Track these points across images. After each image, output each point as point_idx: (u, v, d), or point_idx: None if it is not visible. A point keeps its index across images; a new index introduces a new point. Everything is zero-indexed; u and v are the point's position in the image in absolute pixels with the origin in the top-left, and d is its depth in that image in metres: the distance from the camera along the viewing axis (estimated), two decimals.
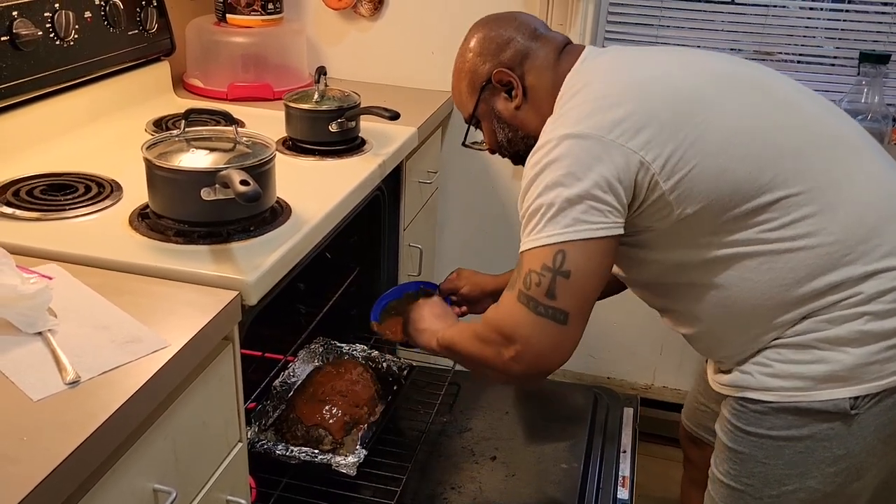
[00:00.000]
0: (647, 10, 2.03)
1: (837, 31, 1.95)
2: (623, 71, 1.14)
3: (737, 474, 1.18)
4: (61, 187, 1.31)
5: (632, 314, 2.22)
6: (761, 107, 1.11)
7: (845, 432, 1.09)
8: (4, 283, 0.92)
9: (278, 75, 1.96)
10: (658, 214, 1.09)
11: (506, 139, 1.28)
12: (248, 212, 1.18)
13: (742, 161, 1.06)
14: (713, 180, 1.05)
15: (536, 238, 1.06)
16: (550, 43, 1.23)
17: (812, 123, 1.13)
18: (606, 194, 1.04)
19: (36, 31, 1.41)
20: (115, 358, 0.89)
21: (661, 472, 2.09)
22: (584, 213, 1.04)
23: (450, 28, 2.06)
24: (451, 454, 1.54)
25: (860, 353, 1.06)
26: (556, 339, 1.07)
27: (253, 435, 1.42)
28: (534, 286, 1.06)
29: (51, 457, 0.74)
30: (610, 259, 1.08)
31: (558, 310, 1.06)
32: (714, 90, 1.10)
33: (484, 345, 1.15)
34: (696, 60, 1.17)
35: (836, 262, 1.06)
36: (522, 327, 1.07)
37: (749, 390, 1.13)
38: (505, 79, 1.22)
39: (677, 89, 1.09)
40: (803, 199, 1.06)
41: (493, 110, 1.26)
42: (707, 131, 1.06)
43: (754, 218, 1.06)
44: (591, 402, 1.69)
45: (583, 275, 1.05)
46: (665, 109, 1.06)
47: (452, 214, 2.28)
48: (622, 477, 1.48)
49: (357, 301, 1.85)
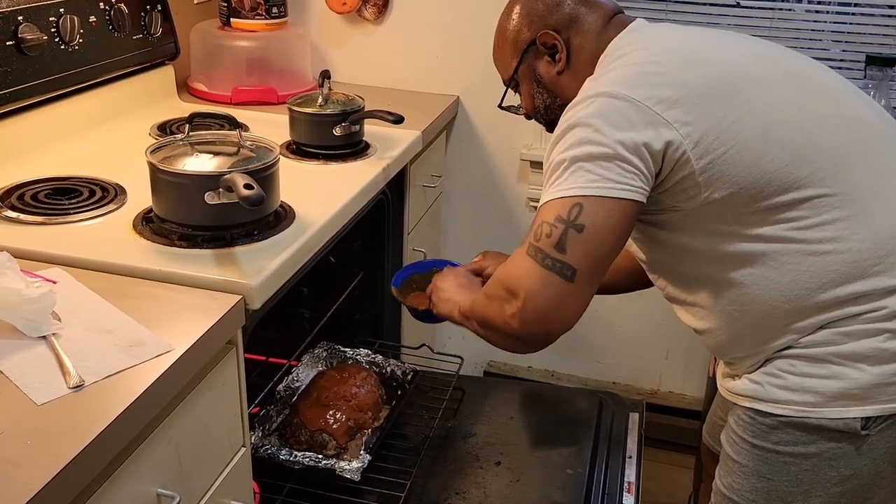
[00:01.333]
0: (652, 13, 2.02)
1: (844, 34, 1.94)
2: (671, 41, 1.11)
3: (739, 488, 1.15)
4: (66, 191, 1.31)
5: (638, 319, 2.22)
6: (809, 100, 1.07)
7: (854, 453, 1.05)
8: (8, 287, 0.92)
9: (282, 79, 1.97)
10: (684, 194, 1.04)
11: (543, 105, 1.24)
12: (252, 216, 1.18)
13: (781, 151, 1.01)
14: (747, 166, 1.01)
15: (556, 191, 1.02)
16: (600, 9, 1.20)
17: (860, 123, 1.08)
18: (633, 156, 1.00)
19: (41, 36, 1.41)
20: (118, 362, 0.89)
21: (668, 478, 2.08)
22: (608, 171, 0.99)
23: (454, 32, 2.06)
24: (455, 459, 1.53)
25: (877, 371, 1.02)
26: (559, 296, 1.00)
27: (257, 440, 1.41)
28: (544, 237, 1.01)
29: (54, 461, 0.74)
30: (628, 226, 1.02)
31: (566, 264, 0.99)
32: (762, 74, 1.06)
33: (489, 301, 1.09)
34: (747, 43, 1.14)
35: (863, 271, 1.02)
36: (526, 279, 1.01)
37: (758, 401, 1.10)
38: (550, 41, 1.19)
39: (724, 67, 1.06)
40: (837, 201, 1.01)
41: (535, 73, 1.22)
42: (748, 115, 1.02)
43: (784, 213, 1.02)
44: (596, 407, 1.68)
45: (597, 232, 0.99)
46: (707, 86, 1.02)
47: (457, 218, 2.28)
48: (628, 482, 1.47)
49: (361, 305, 1.85)
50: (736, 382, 1.15)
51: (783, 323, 1.06)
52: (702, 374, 2.21)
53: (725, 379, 1.19)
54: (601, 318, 2.23)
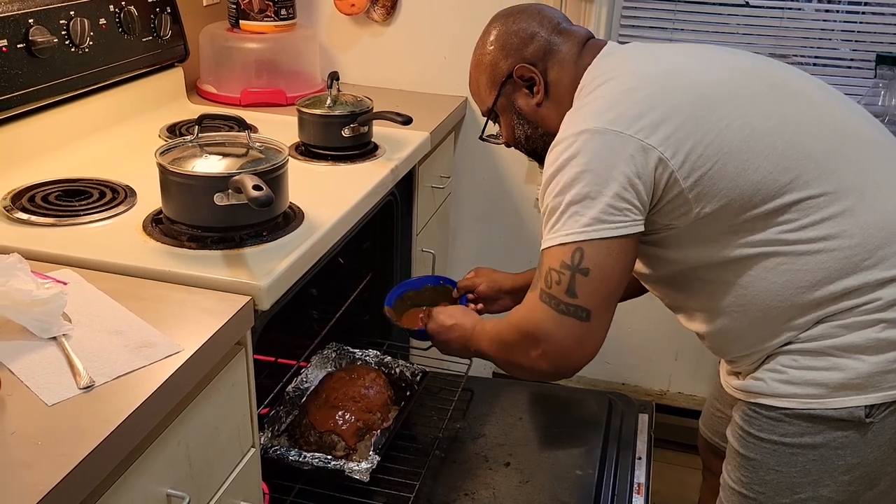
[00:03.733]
0: (661, 13, 2.02)
1: (854, 33, 1.93)
2: (644, 65, 1.12)
3: (748, 482, 1.16)
4: (76, 193, 1.31)
5: (647, 320, 2.21)
6: (788, 107, 1.08)
7: (860, 440, 1.07)
8: (20, 289, 0.92)
9: (291, 81, 1.97)
10: (677, 212, 1.07)
11: (524, 135, 1.26)
12: (261, 217, 1.18)
13: (764, 161, 1.04)
14: (734, 178, 1.04)
15: (556, 236, 1.06)
16: (573, 37, 1.21)
17: (839, 123, 1.10)
18: (626, 192, 1.03)
19: (51, 39, 1.42)
20: (128, 363, 0.89)
21: (677, 479, 2.07)
22: (602, 212, 1.03)
23: (462, 32, 2.06)
24: (464, 460, 1.53)
25: (876, 360, 1.04)
26: (579, 336, 1.07)
27: (266, 440, 1.42)
28: (554, 284, 1.06)
29: (65, 461, 0.74)
30: (631, 257, 1.07)
31: (580, 307, 1.05)
32: (738, 87, 1.08)
33: (511, 347, 1.16)
34: (720, 56, 1.15)
35: (854, 266, 1.04)
36: (545, 325, 1.08)
37: (763, 396, 1.12)
38: (527, 74, 1.20)
39: (699, 85, 1.07)
40: (825, 202, 1.04)
41: (514, 106, 1.24)
42: (729, 129, 1.04)
43: (775, 218, 1.05)
44: (605, 408, 1.68)
45: (602, 272, 1.04)
46: (686, 105, 1.04)
47: (465, 219, 2.28)
48: (637, 484, 1.47)
49: (370, 306, 1.85)
50: (739, 380, 1.17)
51: (781, 321, 1.09)
52: (711, 376, 2.19)
53: (729, 377, 1.21)
54: None
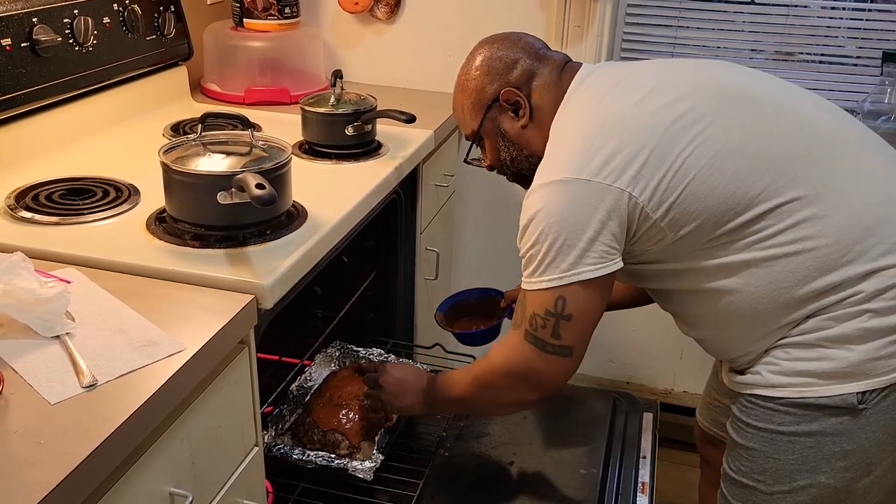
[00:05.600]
0: (665, 10, 2.01)
1: (860, 30, 1.92)
2: (606, 104, 1.14)
3: (748, 471, 1.19)
4: (80, 192, 1.32)
5: (651, 319, 2.20)
6: (750, 118, 1.11)
7: (854, 427, 1.10)
8: (23, 287, 0.92)
9: (295, 79, 1.97)
10: (653, 240, 1.12)
11: (510, 157, 1.29)
12: (264, 215, 1.18)
13: (731, 178, 1.07)
14: (703, 200, 1.07)
15: (537, 282, 1.11)
16: (552, 62, 1.25)
17: (805, 125, 1.13)
18: (601, 235, 1.07)
19: (55, 38, 1.42)
20: (131, 361, 0.89)
21: (681, 478, 2.07)
22: (579, 257, 1.08)
23: (466, 30, 2.06)
24: (468, 459, 1.52)
25: (864, 349, 1.07)
26: (565, 370, 1.17)
27: (270, 439, 1.42)
28: (540, 328, 1.13)
29: (68, 460, 0.74)
30: (609, 290, 1.13)
31: (564, 346, 1.13)
32: (700, 110, 1.10)
33: (498, 388, 1.21)
34: (682, 79, 1.16)
35: (834, 262, 1.07)
36: (534, 364, 1.16)
37: (759, 388, 1.15)
38: (513, 98, 1.24)
39: (662, 120, 1.09)
40: (798, 205, 1.07)
41: (499, 129, 1.27)
42: (693, 155, 1.07)
43: (750, 228, 1.08)
44: (610, 407, 1.68)
45: (583, 313, 1.11)
46: (649, 142, 1.08)
47: (470, 218, 2.27)
48: (642, 483, 1.47)
49: (374, 305, 1.85)
50: (737, 375, 1.21)
51: (771, 321, 1.12)
52: None
53: (730, 373, 1.24)
54: (615, 318, 2.20)
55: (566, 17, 1.98)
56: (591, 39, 1.99)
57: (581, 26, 1.98)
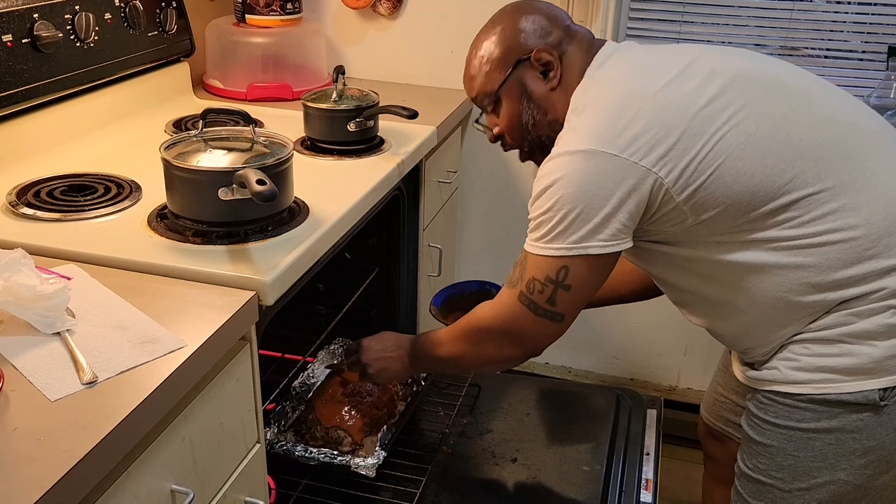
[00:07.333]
0: (670, 5, 2.00)
1: (865, 24, 1.91)
2: (638, 79, 1.12)
3: (766, 468, 1.18)
4: (81, 188, 1.31)
5: (656, 315, 2.20)
6: (779, 106, 1.09)
7: (875, 423, 1.09)
8: (23, 284, 0.92)
9: (297, 75, 1.96)
10: (672, 221, 1.10)
11: (532, 121, 1.23)
12: (266, 212, 1.18)
13: (760, 165, 1.05)
14: (730, 186, 1.05)
15: (543, 247, 1.10)
16: (579, 34, 1.23)
17: (832, 116, 1.11)
18: (618, 213, 1.06)
19: (57, 34, 1.42)
20: (132, 358, 0.89)
21: (685, 475, 2.06)
22: (591, 231, 1.06)
23: (468, 26, 2.04)
24: (471, 456, 1.52)
25: (888, 345, 1.06)
26: (552, 334, 1.16)
27: (272, 436, 1.42)
28: (536, 293, 1.12)
29: (68, 457, 0.74)
30: (610, 269, 1.12)
31: (556, 313, 1.13)
32: (731, 95, 1.08)
33: (481, 341, 1.21)
34: (711, 62, 1.14)
35: (858, 256, 1.05)
36: (522, 324, 1.15)
37: (778, 384, 1.13)
38: (545, 58, 1.19)
39: (693, 103, 1.07)
40: (825, 197, 1.05)
41: (525, 89, 1.22)
42: (723, 140, 1.05)
43: (775, 217, 1.06)
44: (613, 403, 1.67)
45: (582, 287, 1.11)
46: (680, 123, 1.06)
47: (472, 214, 2.27)
48: (645, 479, 1.46)
49: (377, 301, 1.84)
50: (753, 370, 1.19)
51: (789, 313, 1.10)
52: None
53: (743, 367, 1.23)
54: (618, 314, 2.21)
55: (570, 12, 1.96)
56: (595, 35, 1.98)
57: (584, 21, 1.97)
